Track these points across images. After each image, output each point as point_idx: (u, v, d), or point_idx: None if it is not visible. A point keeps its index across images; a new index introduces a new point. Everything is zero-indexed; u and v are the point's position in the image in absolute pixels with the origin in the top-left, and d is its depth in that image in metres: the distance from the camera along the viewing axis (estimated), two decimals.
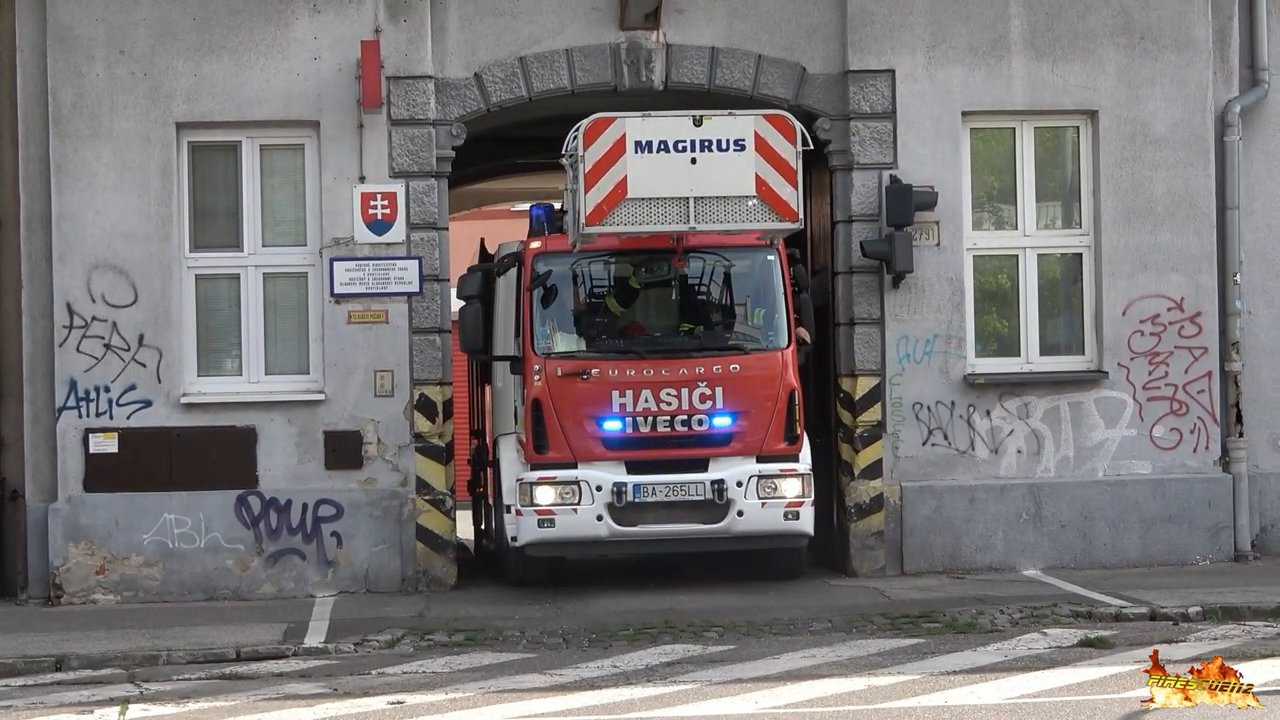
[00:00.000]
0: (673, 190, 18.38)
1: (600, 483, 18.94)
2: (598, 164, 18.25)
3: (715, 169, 18.37)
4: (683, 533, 19.24)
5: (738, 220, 18.69)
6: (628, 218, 18.38)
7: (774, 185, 18.42)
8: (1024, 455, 21.83)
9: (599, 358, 19.53)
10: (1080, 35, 21.87)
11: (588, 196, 18.14)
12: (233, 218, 21.48)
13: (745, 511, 19.06)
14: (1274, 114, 22.39)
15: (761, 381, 19.52)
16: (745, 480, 19.07)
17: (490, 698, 14.84)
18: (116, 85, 20.99)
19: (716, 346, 19.77)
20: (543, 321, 19.45)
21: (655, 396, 18.96)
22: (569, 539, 19.19)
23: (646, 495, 18.94)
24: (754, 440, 19.41)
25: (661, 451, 19.23)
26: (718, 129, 18.42)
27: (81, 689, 15.99)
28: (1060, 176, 22.59)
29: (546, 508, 18.86)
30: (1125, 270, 22.02)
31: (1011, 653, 16.41)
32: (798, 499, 19.25)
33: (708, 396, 18.98)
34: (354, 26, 20.96)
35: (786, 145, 18.51)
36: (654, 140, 18.35)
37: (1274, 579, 20.16)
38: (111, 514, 20.92)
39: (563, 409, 19.08)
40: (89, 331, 20.88)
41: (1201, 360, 22.07)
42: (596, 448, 19.21)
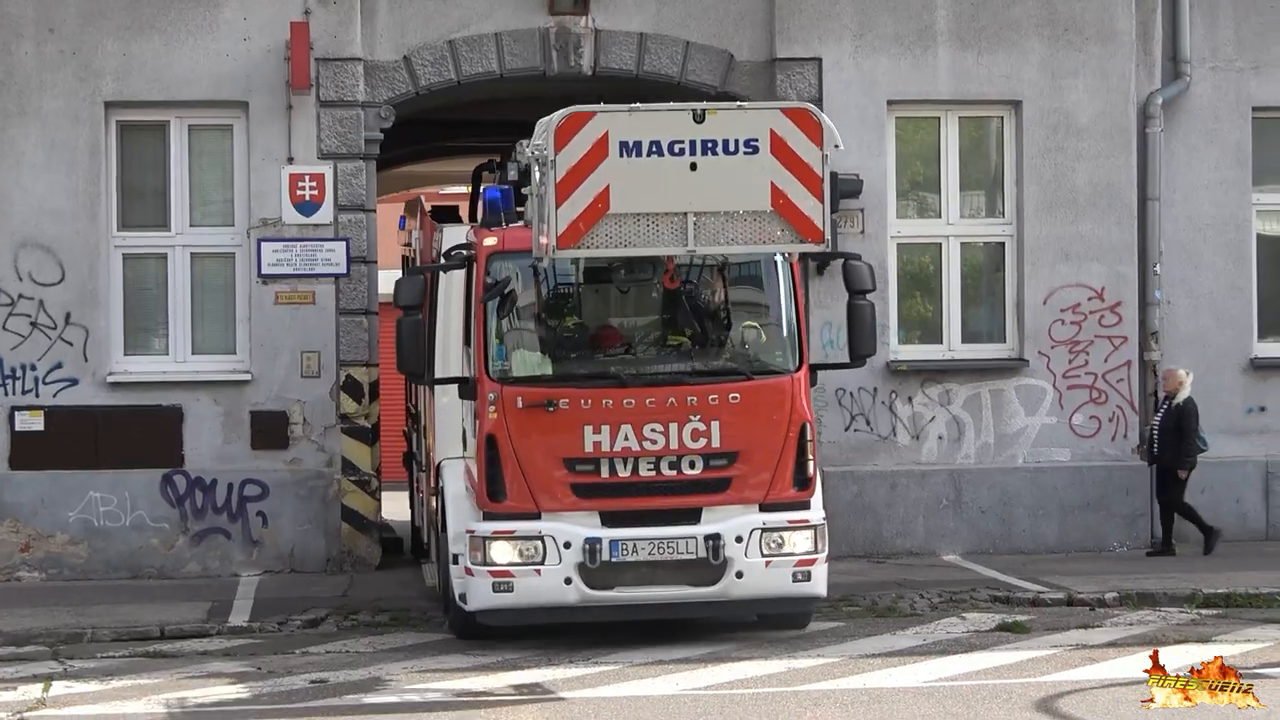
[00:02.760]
0: (667, 204, 14.41)
1: (569, 538, 15.04)
2: (573, 170, 14.29)
3: (720, 176, 14.39)
4: (669, 597, 15.37)
5: (749, 240, 14.74)
6: (610, 237, 14.43)
7: (794, 197, 14.45)
8: (945, 442, 22.02)
9: (568, 384, 15.48)
10: (1005, 26, 22.04)
11: (560, 212, 14.24)
12: (160, 197, 21.46)
13: (745, 572, 15.17)
14: (1195, 106, 22.59)
15: (767, 413, 15.57)
16: (746, 535, 15.19)
17: (413, 677, 14.98)
18: (45, 64, 20.96)
19: (713, 370, 15.76)
20: (499, 338, 15.65)
21: (637, 433, 15.14)
22: (530, 606, 15.26)
23: (625, 554, 15.10)
24: (757, 486, 15.46)
25: (644, 500, 15.34)
26: (724, 126, 14.46)
27: (4, 666, 16.06)
28: (984, 166, 22.74)
29: (503, 568, 15.08)
30: (1047, 260, 22.19)
31: (930, 637, 16.63)
32: (809, 556, 15.52)
33: (702, 433, 15.17)
34: (283, 8, 20.95)
35: (810, 147, 14.51)
36: (644, 140, 14.37)
37: (1189, 566, 20.41)
38: (36, 492, 20.95)
39: (523, 447, 15.16)
40: (15, 309, 20.88)
41: (1121, 349, 22.32)
42: (565, 495, 15.24)
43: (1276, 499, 22.54)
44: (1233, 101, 22.79)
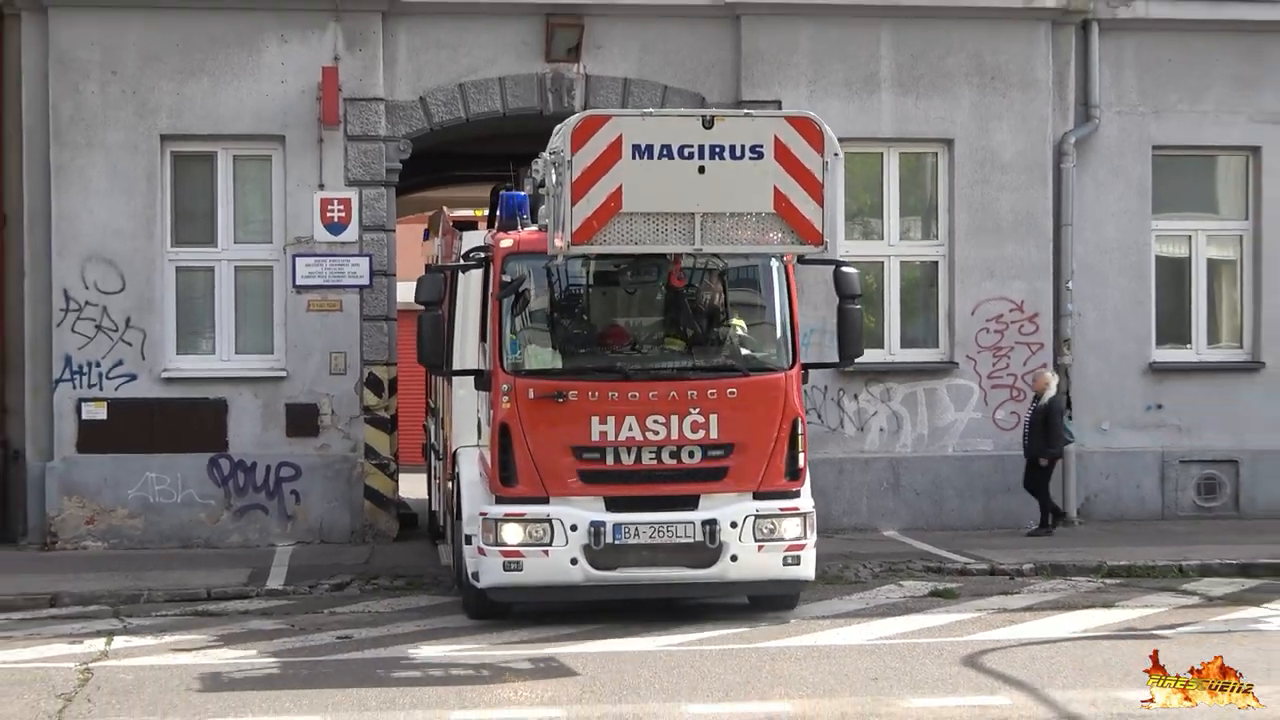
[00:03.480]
0: (676, 204, 13.83)
1: (576, 521, 14.38)
2: (588, 170, 13.69)
3: (727, 179, 13.82)
4: (669, 578, 14.76)
5: (752, 241, 14.20)
6: (621, 235, 13.85)
7: (795, 201, 13.90)
8: (885, 433, 22.08)
9: (577, 377, 14.76)
10: (939, 75, 22.14)
11: (575, 210, 13.66)
12: (208, 218, 21.49)
13: (740, 556, 14.53)
14: (1103, 145, 22.73)
15: (762, 408, 14.87)
16: (741, 521, 14.53)
17: (425, 635, 15.07)
18: (109, 102, 21.00)
19: (712, 367, 15.07)
20: (513, 333, 14.86)
21: (640, 423, 14.47)
22: (539, 584, 14.64)
23: (628, 536, 14.44)
24: (751, 475, 14.78)
25: (646, 487, 14.68)
26: (731, 132, 13.88)
27: (72, 623, 16.18)
28: (920, 195, 22.73)
29: (514, 549, 14.39)
30: (974, 277, 22.28)
31: (872, 601, 16.80)
32: (798, 541, 14.85)
33: (701, 424, 14.53)
34: (316, 54, 21.02)
35: (811, 153, 13.96)
36: (655, 144, 13.78)
37: (1095, 541, 20.59)
38: (100, 472, 21.00)
39: (534, 436, 14.48)
40: (82, 315, 20.91)
41: (1037, 354, 22.37)
42: (572, 481, 14.60)
43: (1170, 484, 22.65)
44: (1135, 141, 22.85)
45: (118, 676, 13.31)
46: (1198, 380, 23.03)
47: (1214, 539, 20.58)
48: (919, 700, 11.75)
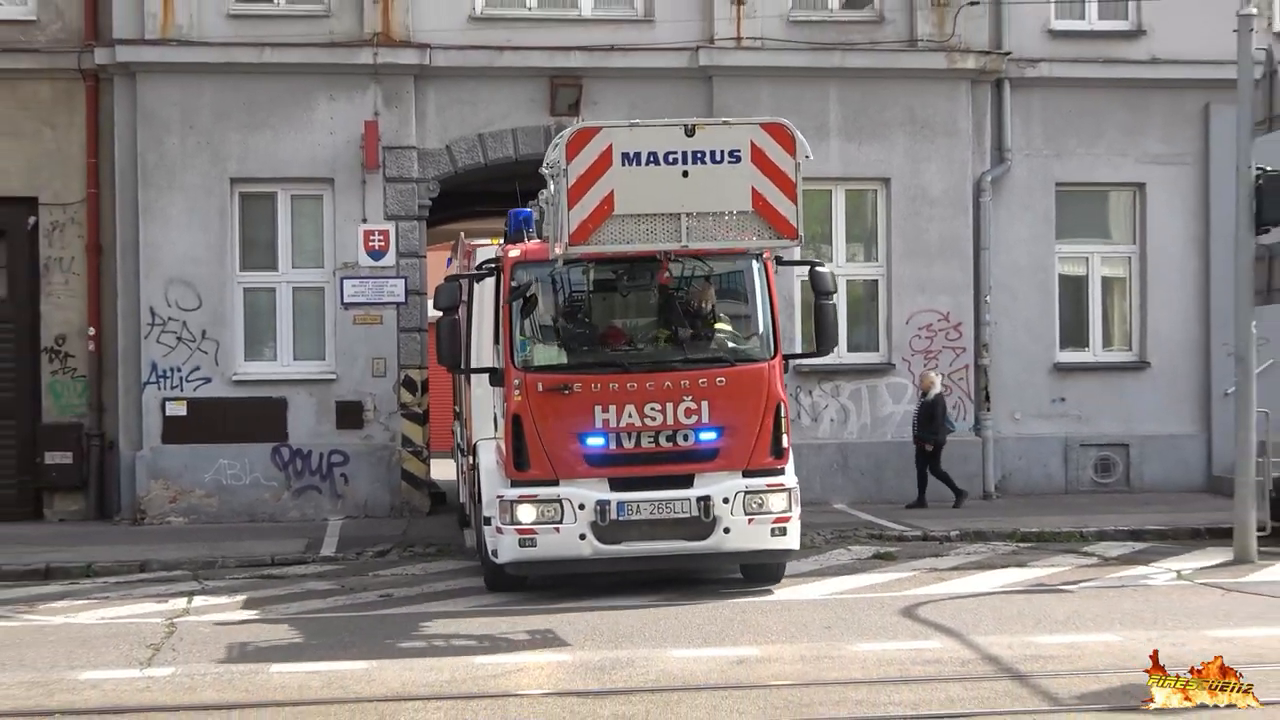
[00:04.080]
0: (663, 206, 13.11)
1: (583, 501, 13.72)
2: (582, 178, 13.06)
3: (708, 182, 13.11)
4: (668, 550, 14.06)
5: (732, 237, 13.41)
6: (614, 235, 13.17)
7: (771, 199, 13.15)
8: (835, 423, 22.03)
9: (581, 371, 14.07)
10: (879, 125, 22.11)
11: (571, 214, 13.06)
12: (270, 247, 21.48)
13: (732, 528, 13.82)
14: (1014, 183, 22.75)
15: (748, 394, 14.11)
16: (732, 496, 13.82)
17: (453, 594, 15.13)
18: (187, 151, 20.96)
19: (702, 359, 14.17)
20: (522, 333, 14.25)
21: (639, 411, 13.78)
22: (551, 558, 13.98)
23: (631, 513, 13.79)
24: (740, 455, 14.07)
25: (646, 468, 13.96)
26: (711, 139, 13.14)
27: (159, 585, 16.22)
28: (863, 225, 22.60)
29: (528, 527, 13.74)
30: (908, 292, 22.24)
31: (825, 563, 16.78)
32: (784, 514, 14.11)
33: (693, 411, 13.81)
34: (359, 110, 21.01)
35: (785, 156, 13.20)
36: (642, 152, 13.08)
37: (1010, 512, 20.56)
38: (181, 460, 20.95)
39: (544, 425, 13.84)
40: (165, 328, 20.88)
41: (961, 356, 22.37)
42: (579, 465, 13.93)
43: (1072, 464, 22.66)
44: (1041, 179, 22.84)
45: (197, 629, 13.35)
46: (1094, 377, 23.02)
47: (1109, 510, 20.57)
48: (865, 645, 11.78)
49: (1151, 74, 22.75)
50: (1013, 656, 11.15)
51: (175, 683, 10.92)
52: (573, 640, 11.86)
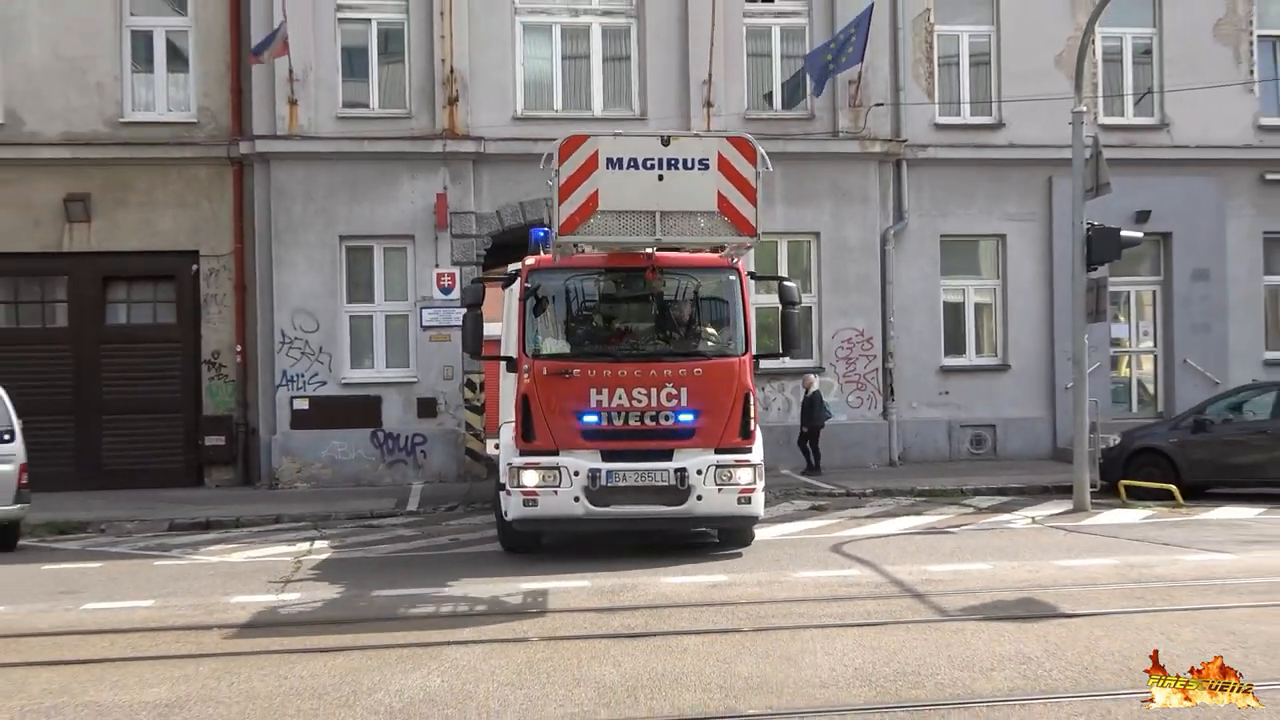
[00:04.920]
0: (640, 204, 12.13)
1: (578, 469, 12.57)
2: (571, 178, 12.11)
3: (680, 185, 12.09)
4: (649, 514, 12.85)
5: (701, 233, 12.41)
6: (598, 228, 12.19)
7: (734, 202, 12.14)
8: (781, 410, 21.90)
9: (580, 360, 12.88)
10: (811, 194, 22.01)
11: (561, 208, 12.12)
12: (369, 286, 21.37)
13: (704, 496, 12.59)
14: (910, 235, 22.62)
15: (720, 383, 12.77)
16: (704, 469, 12.57)
17: None
18: (307, 216, 20.95)
19: (682, 352, 12.97)
20: (533, 327, 13.06)
21: (628, 395, 12.58)
22: (550, 516, 12.85)
23: (618, 481, 12.60)
24: (713, 434, 12.72)
25: (632, 443, 12.72)
26: (684, 149, 12.20)
27: (289, 532, 16.23)
28: (801, 266, 22.37)
29: (531, 489, 12.68)
30: (833, 316, 22.16)
31: (774, 513, 16.69)
32: (749, 486, 12.78)
33: (674, 395, 12.58)
34: (432, 185, 20.95)
35: (747, 165, 12.18)
36: (624, 158, 12.12)
37: (908, 475, 20.45)
38: (304, 441, 20.88)
39: (547, 403, 12.70)
40: (292, 346, 20.84)
41: (872, 362, 22.26)
42: (576, 438, 12.72)
43: (954, 440, 22.57)
44: (930, 232, 22.76)
45: (316, 565, 13.42)
46: (969, 376, 22.91)
47: (981, 473, 20.52)
48: (804, 573, 11.80)
49: (1009, 155, 22.68)
50: (912, 580, 11.17)
51: (301, 604, 10.94)
52: (589, 574, 11.82)
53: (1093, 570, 11.60)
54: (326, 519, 17.21)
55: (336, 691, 7.49)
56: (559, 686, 7.47)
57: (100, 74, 21.18)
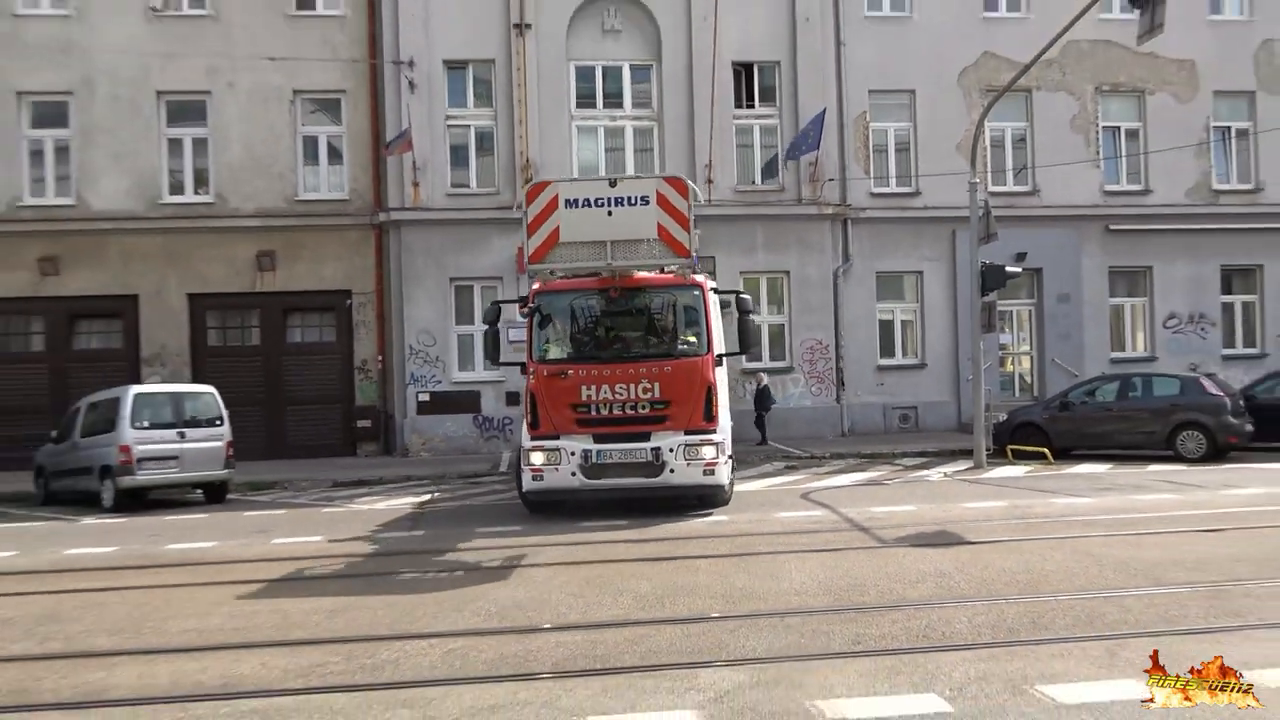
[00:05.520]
0: (594, 235, 11.17)
1: (574, 449, 11.51)
2: (537, 217, 11.22)
3: (626, 219, 11.10)
4: (632, 484, 11.68)
5: (644, 257, 11.31)
6: (560, 257, 11.32)
7: (671, 230, 11.11)
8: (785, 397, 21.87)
9: (574, 363, 11.76)
10: (783, 243, 21.88)
11: (530, 241, 11.30)
12: (470, 312, 21.18)
13: (675, 470, 11.54)
14: (854, 272, 22.32)
15: (686, 378, 11.56)
16: (675, 448, 11.52)
17: None
18: (426, 264, 20.99)
19: (654, 354, 11.75)
20: (539, 338, 12.09)
21: (612, 389, 11.47)
22: (553, 489, 11.73)
23: (606, 458, 11.52)
24: (682, 419, 11.58)
25: (617, 428, 11.58)
26: (628, 188, 11.17)
27: (416, 488, 16.17)
28: (777, 296, 22.27)
29: (538, 466, 11.66)
30: (801, 330, 22.02)
31: (759, 471, 16.65)
32: (712, 460, 11.64)
33: (648, 389, 11.49)
34: (513, 241, 20.58)
35: (681, 200, 11.13)
36: (579, 198, 11.17)
37: (855, 444, 20.19)
38: (427, 423, 20.89)
39: (549, 398, 11.65)
40: (417, 355, 20.91)
41: (829, 362, 22.06)
42: (572, 425, 11.60)
43: (887, 418, 22.26)
44: (869, 270, 22.44)
45: (436, 511, 13.31)
46: (899, 372, 22.64)
47: (907, 442, 20.27)
48: (782, 514, 11.66)
49: (924, 215, 22.46)
50: (859, 518, 11.04)
51: (425, 537, 10.91)
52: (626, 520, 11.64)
53: (989, 510, 11.43)
54: (442, 478, 17.17)
55: (451, 600, 7.48)
56: (608, 595, 7.42)
57: (281, 166, 21.33)
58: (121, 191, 21.09)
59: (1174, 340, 23.30)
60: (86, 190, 21.08)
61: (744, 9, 21.97)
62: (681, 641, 6.02)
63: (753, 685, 5.09)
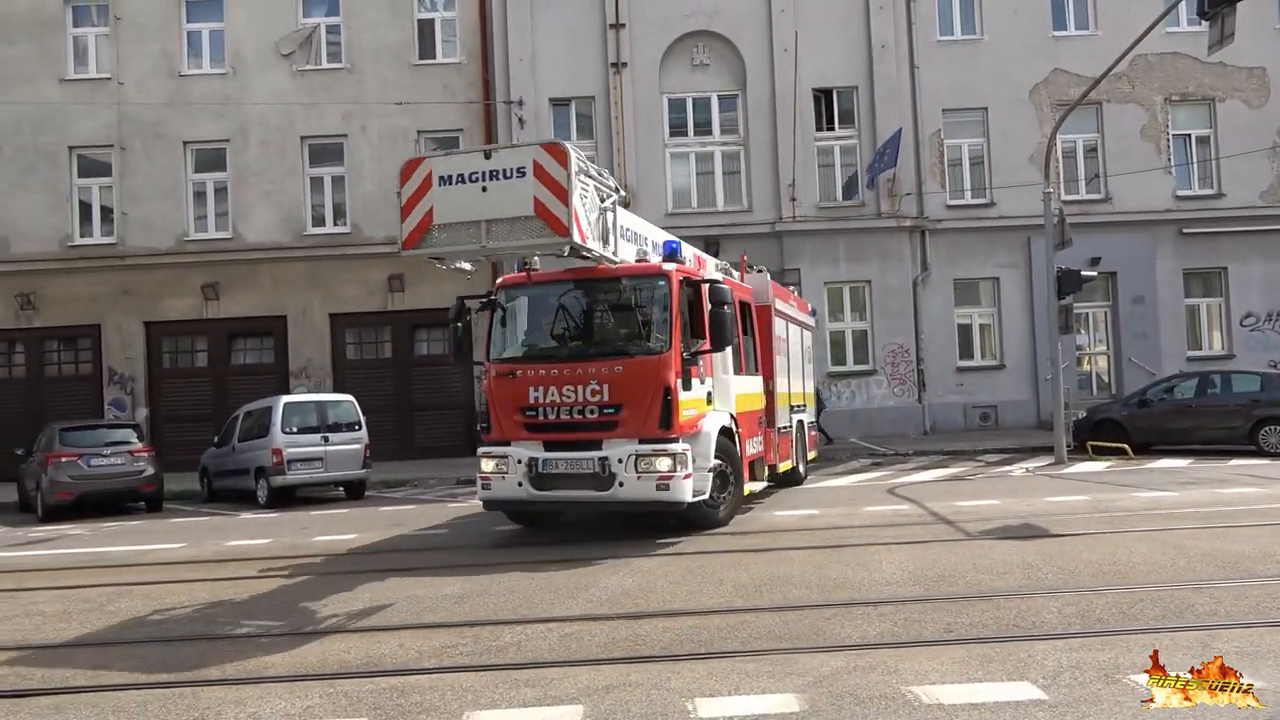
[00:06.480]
0: (469, 215, 8.61)
1: (521, 457, 9.49)
2: (411, 197, 8.81)
3: (502, 194, 8.50)
4: (582, 498, 9.49)
5: (521, 237, 8.53)
6: (436, 241, 8.74)
7: (549, 205, 8.39)
8: (853, 399, 21.51)
9: (523, 362, 9.67)
10: (864, 255, 21.59)
11: (404, 225, 8.83)
12: None
13: (625, 483, 9.21)
14: (933, 280, 21.84)
15: (640, 379, 9.23)
16: (625, 458, 9.18)
17: None
18: None
19: (604, 352, 9.44)
20: (497, 335, 10.04)
21: (560, 392, 9.35)
22: (502, 499, 9.82)
23: (553, 468, 9.41)
24: (636, 426, 9.24)
25: (566, 434, 9.40)
26: (504, 160, 8.56)
27: None
28: (860, 302, 21.92)
29: (487, 474, 9.76)
30: (883, 336, 21.65)
31: (849, 467, 16.41)
32: (668, 473, 9.20)
33: (597, 391, 9.25)
34: None
35: (560, 169, 8.39)
36: (453, 174, 8.65)
37: (937, 442, 19.77)
38: None
39: (499, 400, 9.68)
40: None
41: (910, 365, 21.62)
42: (522, 430, 9.54)
43: (968, 417, 21.80)
44: (946, 277, 21.93)
45: None
46: (978, 373, 21.97)
47: (988, 439, 19.63)
48: (870, 508, 11.33)
49: (999, 224, 21.79)
50: (945, 512, 10.65)
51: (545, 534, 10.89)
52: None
53: (1072, 504, 10.93)
54: None
55: (567, 588, 7.47)
56: (710, 584, 7.31)
57: None
58: (272, 225, 21.89)
59: (1251, 338, 22.07)
60: (241, 224, 21.98)
61: (822, 39, 21.68)
62: (780, 628, 5.88)
63: (850, 670, 4.93)
